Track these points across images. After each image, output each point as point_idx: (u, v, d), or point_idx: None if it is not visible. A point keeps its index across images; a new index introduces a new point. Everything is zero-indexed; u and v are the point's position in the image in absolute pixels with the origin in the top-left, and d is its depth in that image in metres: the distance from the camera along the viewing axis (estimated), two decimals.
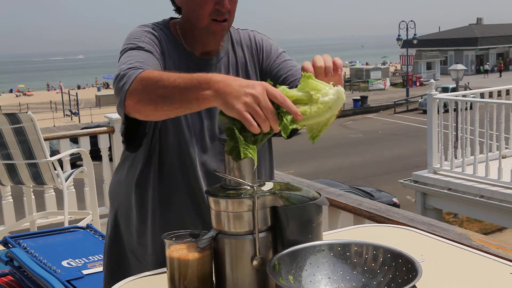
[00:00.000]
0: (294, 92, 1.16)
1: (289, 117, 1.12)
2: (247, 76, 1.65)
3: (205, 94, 1.17)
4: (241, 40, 1.69)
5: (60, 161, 4.29)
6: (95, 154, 4.96)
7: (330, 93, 1.14)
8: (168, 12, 1.69)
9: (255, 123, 1.11)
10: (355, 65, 69.39)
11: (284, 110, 1.12)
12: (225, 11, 1.51)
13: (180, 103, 1.24)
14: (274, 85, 1.16)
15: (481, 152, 7.50)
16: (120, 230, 1.67)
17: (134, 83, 1.32)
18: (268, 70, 1.66)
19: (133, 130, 1.47)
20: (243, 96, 1.12)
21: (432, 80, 8.45)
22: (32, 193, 4.77)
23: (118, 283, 1.38)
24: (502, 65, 53.09)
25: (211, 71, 1.58)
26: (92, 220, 4.50)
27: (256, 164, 1.20)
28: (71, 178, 4.33)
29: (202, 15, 1.52)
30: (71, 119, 38.98)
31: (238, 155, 1.13)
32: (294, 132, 1.28)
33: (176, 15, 1.65)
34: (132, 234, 1.63)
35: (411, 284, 1.05)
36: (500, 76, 49.51)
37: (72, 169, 4.62)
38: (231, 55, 1.65)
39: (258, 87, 1.13)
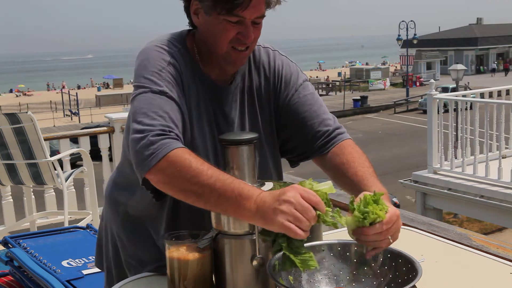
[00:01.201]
0: (322, 187, 1.19)
1: (328, 217, 1.15)
2: (261, 103, 1.52)
3: (244, 212, 1.15)
4: (260, 61, 1.53)
5: (60, 161, 4.29)
6: (95, 154, 4.96)
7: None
8: (179, 14, 1.54)
9: (299, 231, 1.10)
10: (355, 65, 69.42)
11: (321, 215, 1.13)
12: (250, 42, 1.38)
13: (215, 207, 1.21)
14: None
15: (481, 152, 7.50)
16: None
17: (164, 162, 1.23)
18: (285, 104, 1.51)
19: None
20: (278, 207, 1.11)
21: (432, 80, 8.45)
22: (32, 193, 4.77)
23: (118, 283, 1.38)
24: (507, 63, 52.95)
25: (228, 98, 1.46)
26: (92, 220, 4.50)
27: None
28: (71, 178, 4.32)
29: (221, 43, 1.37)
30: (71, 119, 38.98)
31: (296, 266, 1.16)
32: None
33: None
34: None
35: (411, 284, 1.05)
36: (506, 75, 49.52)
37: (72, 169, 4.62)
38: (247, 80, 1.51)
39: (291, 192, 1.13)
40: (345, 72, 55.65)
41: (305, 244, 1.20)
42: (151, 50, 1.39)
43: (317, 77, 62.23)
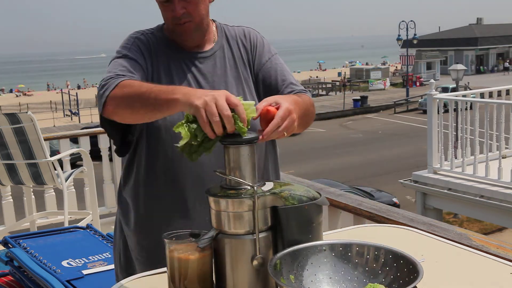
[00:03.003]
0: (247, 103, 1.26)
1: (239, 124, 1.22)
2: (245, 70, 1.71)
3: (174, 96, 1.31)
4: (236, 35, 1.74)
5: (60, 161, 4.29)
6: (95, 154, 4.96)
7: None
8: None
9: (207, 123, 1.20)
10: (355, 65, 69.42)
11: (235, 117, 1.22)
12: (181, 16, 1.58)
13: (153, 106, 1.37)
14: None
15: (481, 152, 7.50)
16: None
17: (115, 89, 1.46)
18: (260, 69, 1.71)
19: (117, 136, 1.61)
20: (204, 96, 1.24)
21: (432, 80, 8.45)
22: (32, 193, 4.77)
23: (118, 283, 1.39)
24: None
25: (205, 62, 1.67)
26: (92, 220, 4.50)
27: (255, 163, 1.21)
28: (71, 178, 4.32)
29: (167, 21, 1.64)
30: (71, 119, 38.97)
31: (190, 153, 1.23)
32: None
33: None
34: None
35: (412, 285, 1.05)
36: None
37: (72, 169, 4.62)
38: (227, 49, 1.71)
39: (220, 92, 1.25)
40: (345, 72, 55.64)
41: (307, 244, 1.20)
42: (127, 36, 1.70)
43: (317, 77, 62.24)
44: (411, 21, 37.86)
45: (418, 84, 45.34)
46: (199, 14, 1.61)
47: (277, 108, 1.29)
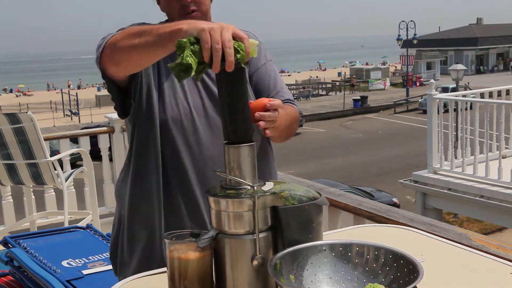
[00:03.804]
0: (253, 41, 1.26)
1: (240, 49, 1.20)
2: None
3: (179, 26, 1.26)
4: None
5: (60, 161, 4.29)
6: (95, 154, 4.96)
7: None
8: None
9: (209, 44, 1.17)
10: (355, 65, 69.42)
11: (242, 47, 1.20)
12: (189, 3, 1.59)
13: (154, 39, 1.31)
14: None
15: (481, 152, 7.50)
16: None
17: (115, 35, 1.43)
18: (252, 72, 1.73)
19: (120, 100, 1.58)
20: (212, 23, 1.22)
21: (432, 80, 8.45)
22: (32, 193, 4.77)
23: (118, 283, 1.39)
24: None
25: None
26: (92, 220, 4.50)
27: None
28: (71, 178, 4.32)
29: (174, 15, 1.62)
30: (71, 119, 38.97)
31: (179, 71, 1.17)
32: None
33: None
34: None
35: (412, 285, 1.05)
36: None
37: (72, 169, 4.62)
38: None
39: (228, 24, 1.23)
40: (345, 72, 55.66)
41: (307, 244, 1.20)
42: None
43: (317, 77, 62.23)
44: (411, 21, 37.88)
45: (418, 84, 45.33)
46: (205, 4, 1.63)
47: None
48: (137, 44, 1.34)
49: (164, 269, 1.28)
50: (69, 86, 63.93)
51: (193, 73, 1.17)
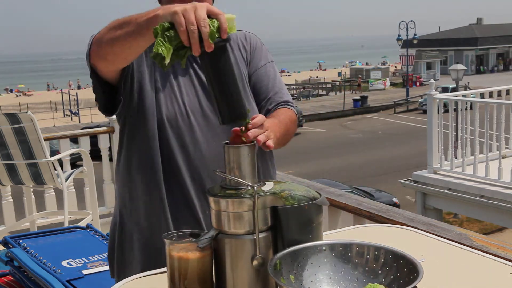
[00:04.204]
0: (229, 16, 1.23)
1: (215, 26, 1.17)
2: (245, 70, 1.71)
3: (155, 13, 1.24)
4: (237, 38, 1.74)
5: (60, 161, 4.29)
6: (95, 154, 4.96)
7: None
8: None
9: (184, 26, 1.14)
10: (355, 65, 69.42)
11: (215, 23, 1.17)
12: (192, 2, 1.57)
13: (134, 29, 1.29)
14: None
15: (481, 152, 7.50)
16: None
17: (97, 35, 1.41)
18: (252, 72, 1.71)
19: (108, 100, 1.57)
20: (184, 5, 1.18)
21: (432, 80, 8.45)
22: (32, 193, 4.77)
23: (118, 283, 1.39)
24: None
25: None
26: (92, 220, 4.50)
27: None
28: (71, 178, 4.33)
29: None
30: (71, 119, 38.97)
31: (160, 61, 1.15)
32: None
33: None
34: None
35: (412, 285, 1.05)
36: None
37: (72, 169, 4.62)
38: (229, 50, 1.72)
39: (202, 3, 1.20)
40: (345, 72, 55.65)
41: (307, 244, 1.20)
42: None
43: (317, 77, 62.23)
44: (411, 21, 37.88)
45: (418, 84, 45.33)
46: (208, 2, 1.62)
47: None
48: (118, 36, 1.33)
49: (164, 269, 1.28)
50: (70, 86, 63.86)
51: (167, 61, 1.14)
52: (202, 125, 1.59)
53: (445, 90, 29.76)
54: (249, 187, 1.20)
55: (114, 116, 4.21)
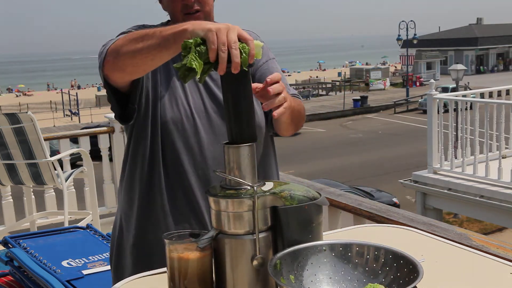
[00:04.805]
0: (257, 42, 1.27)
1: (246, 52, 1.20)
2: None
3: (183, 27, 1.24)
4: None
5: (60, 161, 4.29)
6: (95, 154, 4.96)
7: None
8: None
9: (216, 45, 1.16)
10: (355, 65, 69.42)
11: (245, 48, 1.20)
12: (192, 3, 1.58)
13: (158, 42, 1.29)
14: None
15: (481, 152, 7.50)
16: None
17: (116, 41, 1.41)
18: (254, 70, 1.72)
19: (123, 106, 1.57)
20: (218, 24, 1.20)
21: (432, 80, 8.45)
22: (32, 193, 4.77)
23: (117, 283, 1.39)
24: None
25: None
26: (92, 220, 4.50)
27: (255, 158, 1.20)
28: (71, 178, 4.33)
29: (176, 14, 1.61)
30: (71, 119, 38.98)
31: (184, 73, 1.17)
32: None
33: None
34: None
35: (412, 285, 1.05)
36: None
37: (72, 169, 4.62)
38: None
39: (234, 25, 1.22)
40: (345, 72, 55.64)
41: (307, 244, 1.20)
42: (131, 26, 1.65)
43: (317, 77, 62.23)
44: (411, 21, 37.88)
45: (418, 84, 45.33)
46: (209, 4, 1.62)
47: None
48: (141, 48, 1.33)
49: (164, 269, 1.28)
50: (72, 86, 63.79)
51: (198, 76, 1.17)
52: (207, 127, 1.60)
53: (445, 90, 29.76)
54: (249, 187, 1.20)
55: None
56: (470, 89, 18.26)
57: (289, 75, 68.73)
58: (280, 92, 1.32)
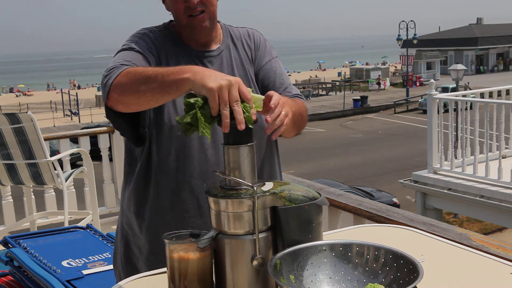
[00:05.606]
0: (257, 96, 1.29)
1: (249, 110, 1.21)
2: (251, 69, 1.72)
3: (184, 76, 1.26)
4: (240, 36, 1.76)
5: (60, 161, 4.29)
6: (95, 154, 4.96)
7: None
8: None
9: (217, 105, 1.18)
10: (355, 65, 69.40)
11: (248, 108, 1.21)
12: (196, 5, 1.57)
13: (161, 87, 1.32)
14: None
15: (481, 152, 7.50)
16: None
17: (119, 76, 1.42)
18: (260, 68, 1.72)
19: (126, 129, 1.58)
20: (219, 79, 1.20)
21: (432, 80, 8.45)
22: (32, 193, 4.77)
23: (117, 283, 1.39)
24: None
25: (213, 62, 1.66)
26: (92, 220, 4.50)
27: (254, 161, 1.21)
28: (71, 178, 4.32)
29: (179, 15, 1.61)
30: (71, 119, 38.97)
31: (186, 127, 1.20)
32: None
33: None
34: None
35: (412, 285, 1.05)
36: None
37: (72, 169, 4.62)
38: (233, 49, 1.72)
39: (234, 79, 1.22)
40: (345, 72, 55.62)
41: (307, 244, 1.20)
42: (134, 32, 1.68)
43: (316, 76, 62.23)
44: (411, 21, 37.86)
45: (418, 84, 45.32)
46: (213, 4, 1.62)
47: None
48: (144, 91, 1.35)
49: (164, 269, 1.28)
50: (74, 86, 63.71)
51: (209, 138, 1.21)
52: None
53: (445, 90, 29.76)
54: (249, 187, 1.20)
55: None
56: (470, 89, 18.27)
57: (289, 75, 68.53)
58: (280, 112, 1.31)
